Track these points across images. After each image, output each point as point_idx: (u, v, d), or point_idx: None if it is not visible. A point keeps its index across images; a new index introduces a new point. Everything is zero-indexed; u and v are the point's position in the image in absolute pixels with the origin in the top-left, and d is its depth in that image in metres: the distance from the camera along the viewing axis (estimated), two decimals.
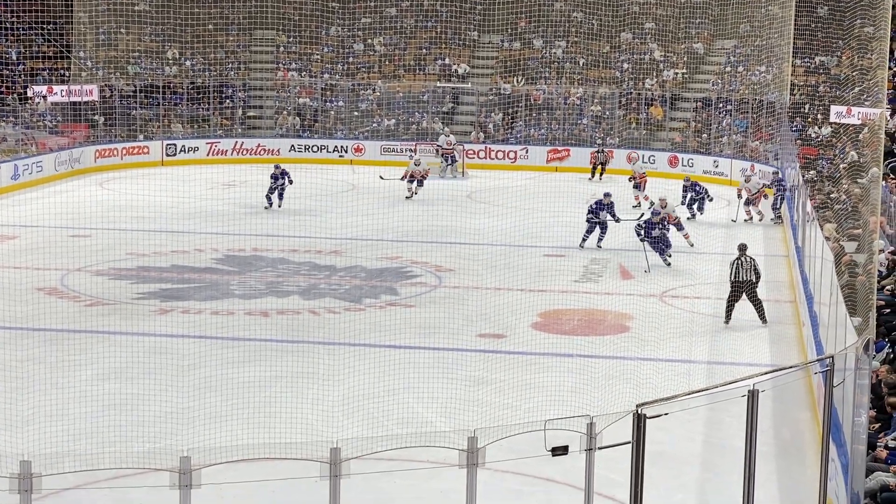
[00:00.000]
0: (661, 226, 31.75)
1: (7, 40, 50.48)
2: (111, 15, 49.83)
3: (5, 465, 10.03)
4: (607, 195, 33.43)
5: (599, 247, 32.79)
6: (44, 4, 48.75)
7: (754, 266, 23.66)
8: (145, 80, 50.29)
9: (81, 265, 28.58)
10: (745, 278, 23.38)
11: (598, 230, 33.01)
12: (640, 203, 39.94)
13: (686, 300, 26.50)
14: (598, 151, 41.53)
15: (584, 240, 33.30)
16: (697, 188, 39.53)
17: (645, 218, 31.85)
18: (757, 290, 23.95)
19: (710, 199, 39.87)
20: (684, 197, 39.33)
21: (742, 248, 24.54)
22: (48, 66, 49.05)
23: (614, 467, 10.86)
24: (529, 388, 19.31)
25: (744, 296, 24.64)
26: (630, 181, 41.46)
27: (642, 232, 31.35)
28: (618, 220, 33.68)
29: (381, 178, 37.79)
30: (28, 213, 33.88)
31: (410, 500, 13.47)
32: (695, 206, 39.11)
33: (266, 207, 35.02)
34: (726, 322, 24.70)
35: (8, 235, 32.43)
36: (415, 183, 38.06)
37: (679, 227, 33.57)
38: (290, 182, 36.30)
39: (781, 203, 35.51)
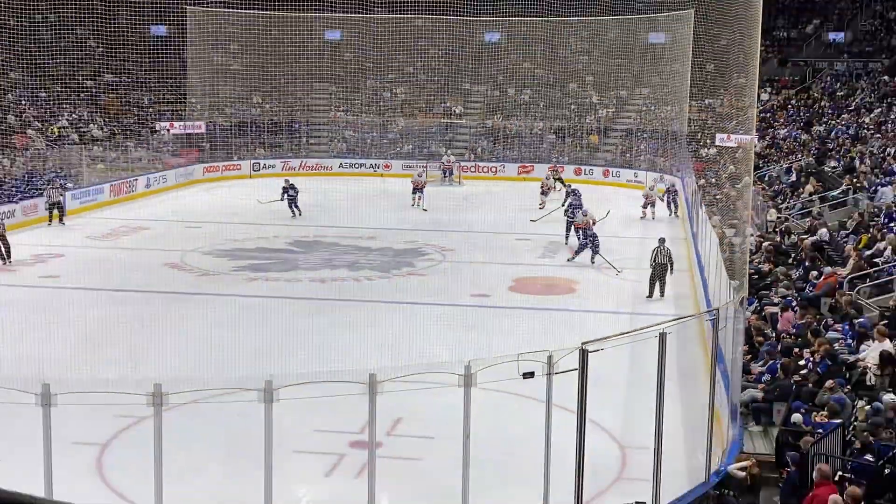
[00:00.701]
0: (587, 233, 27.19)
1: (142, 90, 50.27)
2: (214, 73, 49.61)
3: (143, 387, 10.09)
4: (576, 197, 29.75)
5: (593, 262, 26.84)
6: (168, 66, 48.65)
7: (669, 255, 23.55)
8: (238, 118, 50.07)
9: (194, 248, 28.65)
10: (661, 262, 23.28)
11: (588, 249, 26.96)
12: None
13: (614, 268, 26.52)
14: (553, 167, 40.70)
15: (567, 239, 29.26)
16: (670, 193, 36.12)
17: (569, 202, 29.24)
18: (667, 274, 23.51)
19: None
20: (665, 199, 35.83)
21: (661, 240, 24.39)
22: (170, 108, 48.77)
23: (566, 386, 10.85)
24: (507, 332, 19.55)
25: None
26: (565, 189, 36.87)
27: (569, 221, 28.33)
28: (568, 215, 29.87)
29: (259, 201, 35.44)
30: (157, 212, 34.30)
31: (425, 411, 13.50)
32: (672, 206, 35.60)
33: (292, 217, 34.39)
34: (649, 296, 23.58)
35: (144, 227, 32.40)
36: (416, 193, 36.99)
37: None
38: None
39: (674, 204, 34.93)
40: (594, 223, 30.78)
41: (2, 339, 18.80)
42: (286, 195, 34.88)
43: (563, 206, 32.85)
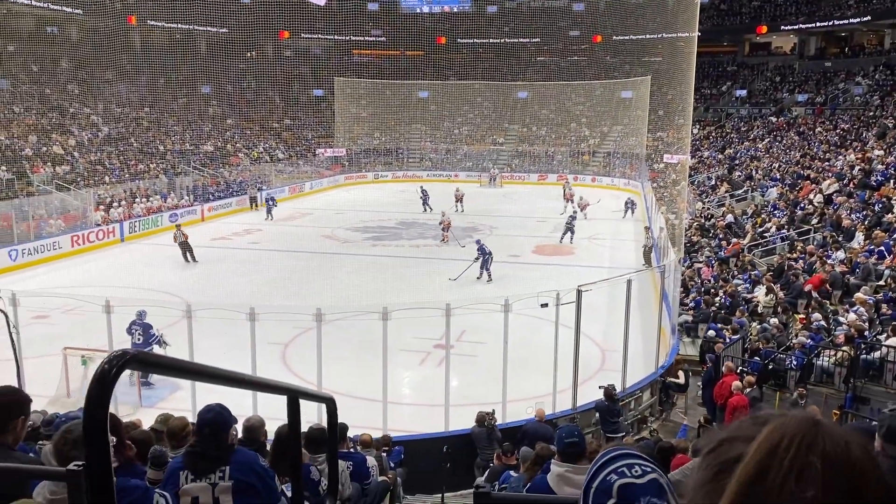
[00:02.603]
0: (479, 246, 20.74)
1: (307, 129, 50.72)
2: (351, 118, 49.96)
3: (309, 310, 10.19)
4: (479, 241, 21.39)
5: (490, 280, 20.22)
6: (323, 114, 49.08)
7: (653, 240, 22.74)
8: (365, 145, 50.30)
9: (339, 225, 28.89)
10: (648, 244, 22.59)
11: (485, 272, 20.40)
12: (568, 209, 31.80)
13: (600, 240, 26.19)
14: (564, 183, 39.22)
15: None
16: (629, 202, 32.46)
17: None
18: (652, 252, 22.09)
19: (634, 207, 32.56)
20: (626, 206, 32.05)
21: (647, 229, 23.82)
22: (324, 140, 49.16)
23: (568, 313, 10.80)
24: (530, 279, 19.40)
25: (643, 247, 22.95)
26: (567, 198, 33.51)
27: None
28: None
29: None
30: (316, 204, 34.39)
31: (479, 327, 13.49)
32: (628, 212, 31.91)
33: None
34: (646, 264, 21.20)
35: (308, 213, 32.77)
36: (458, 203, 33.43)
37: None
38: (275, 203, 32.43)
39: (631, 210, 31.95)
40: (587, 206, 30.48)
41: (224, 280, 19.22)
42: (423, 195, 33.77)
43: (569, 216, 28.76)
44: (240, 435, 5.19)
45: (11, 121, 33.20)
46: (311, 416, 7.09)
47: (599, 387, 11.19)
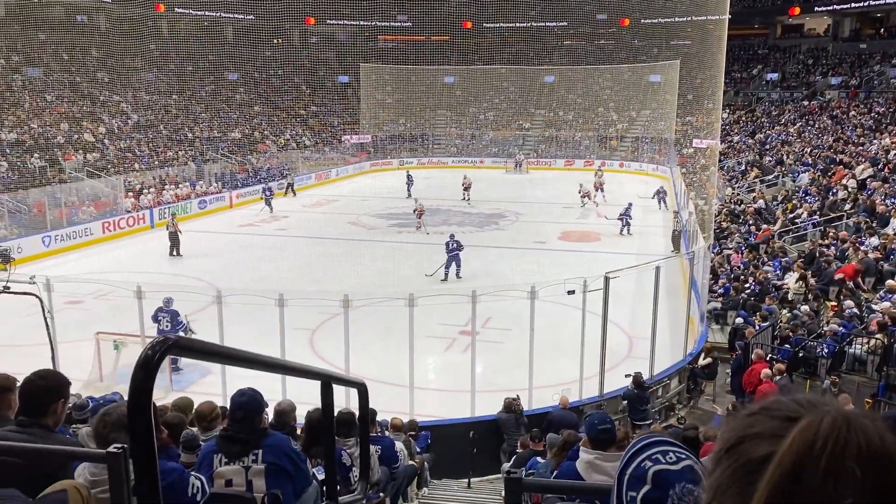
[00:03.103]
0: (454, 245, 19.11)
1: (333, 116, 50.81)
2: (376, 105, 49.96)
3: (336, 295, 10.23)
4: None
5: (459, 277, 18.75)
6: (349, 100, 49.15)
7: (682, 225, 22.43)
8: (390, 132, 50.29)
9: (365, 212, 28.99)
10: (677, 230, 22.27)
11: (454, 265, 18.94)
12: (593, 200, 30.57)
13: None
14: (597, 170, 37.39)
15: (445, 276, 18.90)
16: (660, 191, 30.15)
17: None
18: (681, 238, 22.02)
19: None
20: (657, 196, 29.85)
21: (676, 213, 23.58)
22: (350, 127, 49.23)
23: (595, 300, 10.76)
24: (557, 265, 19.30)
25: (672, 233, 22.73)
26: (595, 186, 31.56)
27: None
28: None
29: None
30: (342, 190, 34.53)
31: (505, 313, 13.51)
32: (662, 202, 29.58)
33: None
34: (674, 251, 20.94)
35: (335, 199, 32.91)
36: (466, 192, 32.25)
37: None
38: (272, 194, 30.52)
39: (663, 202, 29.57)
40: (588, 195, 29.70)
41: (251, 267, 19.41)
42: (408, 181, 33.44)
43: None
44: (270, 419, 5.27)
45: (44, 109, 33.71)
46: (339, 401, 7.15)
47: (626, 375, 11.16)
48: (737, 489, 0.72)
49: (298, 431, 5.35)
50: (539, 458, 6.80)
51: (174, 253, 22.11)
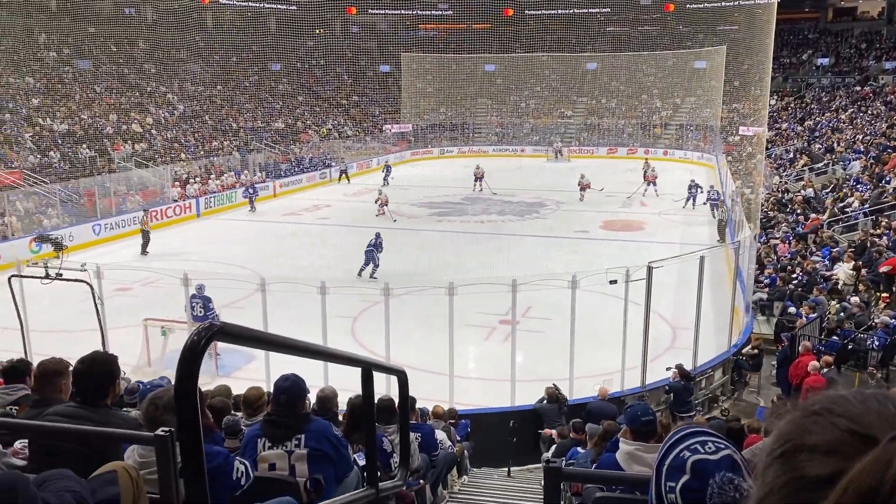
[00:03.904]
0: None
1: (373, 105, 51.03)
2: (417, 94, 49.95)
3: (377, 284, 10.25)
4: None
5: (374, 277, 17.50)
6: (390, 90, 49.33)
7: (728, 214, 21.99)
8: (431, 121, 50.26)
9: (405, 200, 29.06)
10: (720, 218, 21.84)
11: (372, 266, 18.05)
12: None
13: (670, 216, 25.60)
14: (645, 163, 35.33)
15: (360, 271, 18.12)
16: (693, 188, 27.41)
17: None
18: (726, 228, 21.45)
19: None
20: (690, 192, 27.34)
21: (721, 202, 23.14)
22: (391, 116, 49.38)
23: (638, 290, 10.66)
24: (598, 254, 19.19)
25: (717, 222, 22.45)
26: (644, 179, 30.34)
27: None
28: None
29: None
30: (380, 180, 34.33)
31: (546, 303, 13.45)
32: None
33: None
34: (720, 241, 20.63)
35: (373, 189, 33.01)
36: (478, 182, 31.69)
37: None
38: (256, 193, 28.70)
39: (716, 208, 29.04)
40: (588, 187, 28.87)
41: (294, 256, 19.65)
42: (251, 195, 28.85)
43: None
44: (313, 405, 5.35)
45: (93, 100, 34.52)
46: (381, 388, 7.22)
47: (667, 368, 11.04)
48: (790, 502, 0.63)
49: (340, 418, 5.42)
50: (579, 448, 6.78)
51: (144, 252, 21.02)
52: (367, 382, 3.14)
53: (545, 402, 10.30)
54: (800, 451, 0.63)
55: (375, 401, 4.12)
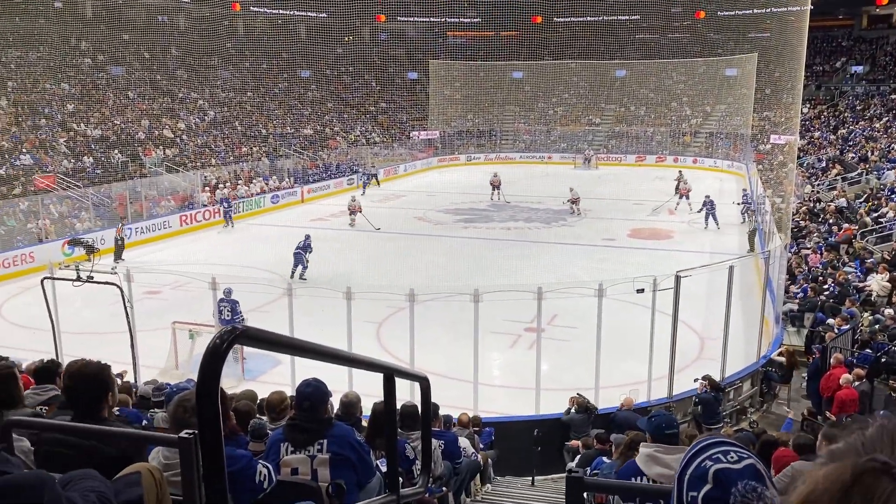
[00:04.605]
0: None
1: (400, 112, 51.25)
2: (444, 101, 50.09)
3: (402, 289, 10.33)
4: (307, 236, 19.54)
5: (303, 278, 18.11)
6: (417, 97, 49.49)
7: (758, 223, 21.73)
8: (458, 128, 50.36)
9: (432, 207, 29.13)
10: (752, 228, 21.52)
11: (301, 268, 18.62)
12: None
13: (698, 225, 25.30)
14: (679, 174, 34.15)
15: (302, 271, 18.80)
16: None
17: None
18: (756, 236, 21.26)
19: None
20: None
21: (752, 212, 22.82)
22: (418, 123, 49.58)
23: (665, 299, 10.56)
24: (626, 263, 19.05)
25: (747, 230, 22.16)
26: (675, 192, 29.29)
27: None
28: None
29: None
30: (410, 186, 34.63)
31: (572, 311, 13.35)
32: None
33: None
34: (750, 250, 20.43)
35: (402, 195, 33.17)
36: (495, 190, 31.75)
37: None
38: (231, 207, 26.90)
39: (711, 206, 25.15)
40: (578, 201, 28.24)
41: (322, 261, 19.77)
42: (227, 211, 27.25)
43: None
44: (336, 410, 5.36)
45: (126, 106, 35.11)
46: (404, 394, 7.23)
47: (695, 380, 10.89)
48: None
49: (364, 424, 5.43)
50: (605, 458, 6.72)
51: (117, 260, 20.47)
52: (389, 388, 3.15)
53: (573, 411, 10.21)
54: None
55: (398, 407, 4.12)
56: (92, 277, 10.78)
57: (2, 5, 33.02)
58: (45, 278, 11.05)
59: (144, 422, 5.33)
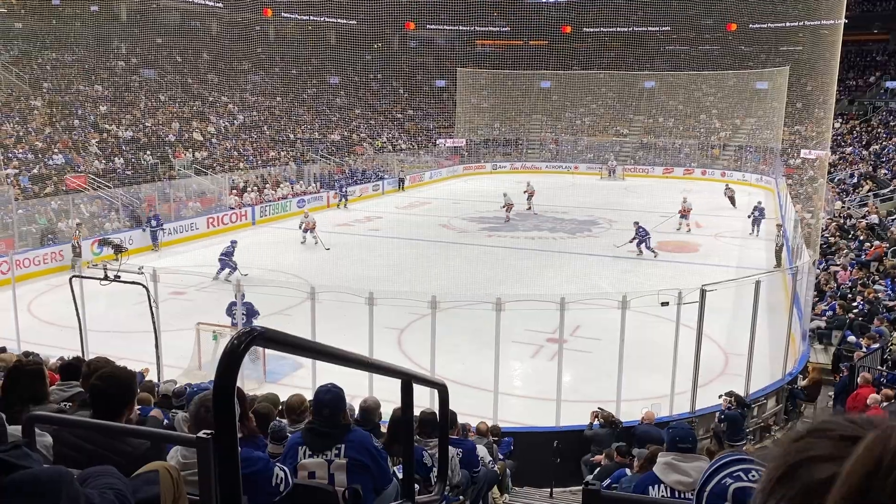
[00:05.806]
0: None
1: (427, 119, 51.41)
2: (471, 109, 50.15)
3: (425, 296, 10.34)
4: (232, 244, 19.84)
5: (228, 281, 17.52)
6: (444, 104, 49.61)
7: (786, 238, 21.40)
8: (484, 136, 50.38)
9: (456, 215, 29.15)
10: (779, 244, 21.26)
11: (227, 270, 18.69)
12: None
13: (725, 238, 25.02)
14: (725, 187, 32.96)
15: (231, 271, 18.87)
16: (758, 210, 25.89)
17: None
18: (783, 252, 21.06)
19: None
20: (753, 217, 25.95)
21: (779, 226, 22.52)
22: (444, 130, 49.70)
23: (690, 312, 10.44)
24: (651, 275, 18.83)
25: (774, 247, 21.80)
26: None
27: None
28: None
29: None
30: (435, 193, 34.62)
31: (595, 322, 13.26)
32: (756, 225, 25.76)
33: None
34: (777, 265, 20.26)
35: (427, 202, 33.19)
36: (529, 199, 31.48)
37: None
38: (161, 227, 23.73)
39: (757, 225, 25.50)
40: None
41: (345, 266, 19.86)
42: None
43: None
44: (356, 415, 5.37)
45: (157, 109, 35.62)
46: (424, 401, 7.21)
47: (719, 395, 10.74)
48: None
49: (382, 429, 5.43)
50: (627, 471, 6.66)
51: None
52: (407, 394, 3.14)
53: (597, 426, 10.09)
54: (799, 467, 0.66)
55: (416, 413, 4.11)
56: (119, 277, 10.92)
57: (40, 7, 33.78)
58: (73, 276, 11.23)
59: (165, 421, 5.38)
